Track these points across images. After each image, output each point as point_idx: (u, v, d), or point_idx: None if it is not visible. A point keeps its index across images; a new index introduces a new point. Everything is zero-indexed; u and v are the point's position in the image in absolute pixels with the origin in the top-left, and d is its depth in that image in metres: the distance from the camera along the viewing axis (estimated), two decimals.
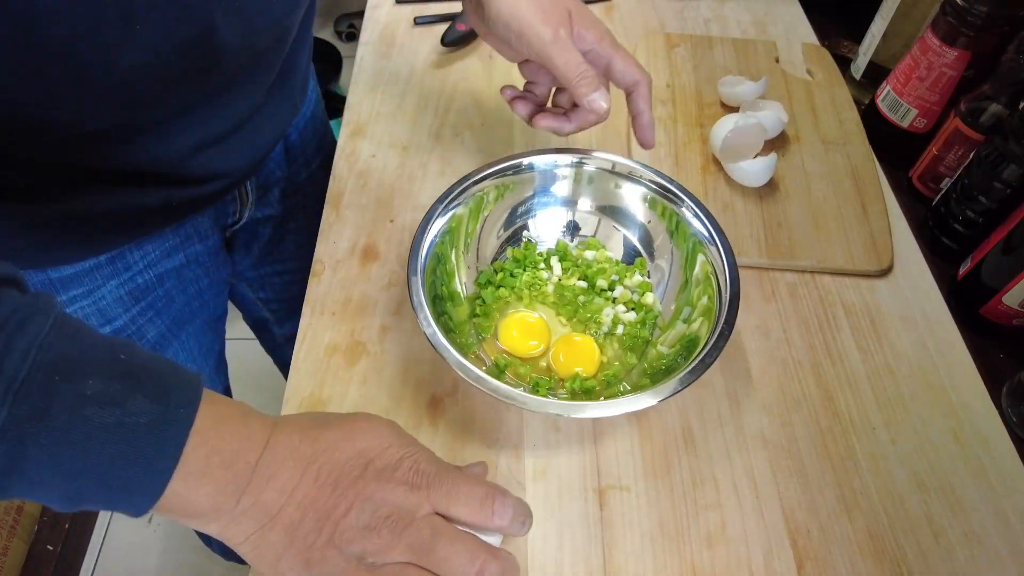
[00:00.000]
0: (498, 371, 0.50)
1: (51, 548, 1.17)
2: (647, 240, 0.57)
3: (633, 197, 0.56)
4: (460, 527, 0.36)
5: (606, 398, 0.47)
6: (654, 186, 0.55)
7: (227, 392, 0.78)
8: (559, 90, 0.57)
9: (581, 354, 0.52)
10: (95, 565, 1.21)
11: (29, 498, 0.31)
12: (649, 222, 0.56)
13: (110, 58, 0.37)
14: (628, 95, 0.54)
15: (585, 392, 0.49)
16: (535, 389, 0.49)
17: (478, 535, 0.37)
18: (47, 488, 0.30)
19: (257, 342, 0.99)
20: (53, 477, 0.29)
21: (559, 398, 0.49)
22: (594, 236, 0.58)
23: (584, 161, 0.56)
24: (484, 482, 0.38)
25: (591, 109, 0.50)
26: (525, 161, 0.55)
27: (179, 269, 0.60)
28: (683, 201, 0.53)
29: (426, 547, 0.34)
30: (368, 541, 0.34)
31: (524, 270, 0.56)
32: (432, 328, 0.45)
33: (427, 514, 0.35)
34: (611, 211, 0.58)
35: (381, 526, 0.34)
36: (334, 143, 0.75)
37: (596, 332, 0.54)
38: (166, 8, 0.37)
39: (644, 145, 0.55)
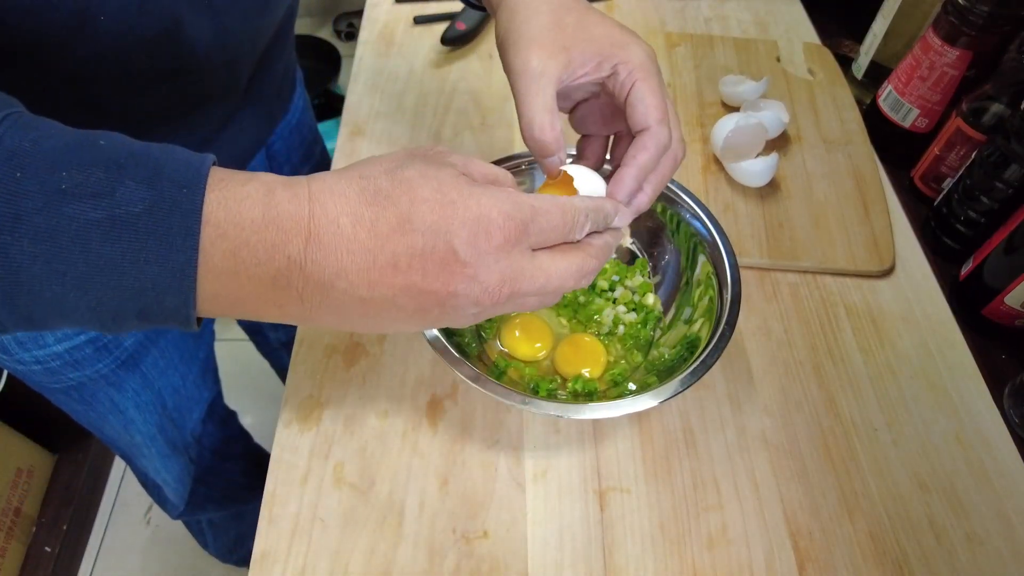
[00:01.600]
0: (499, 372, 0.50)
1: (49, 549, 1.17)
2: (647, 240, 0.56)
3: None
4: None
5: (612, 398, 0.47)
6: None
7: (218, 399, 0.77)
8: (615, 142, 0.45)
9: (587, 355, 0.51)
10: (93, 567, 1.21)
11: (66, 323, 0.28)
12: (649, 222, 0.56)
13: (68, 46, 0.35)
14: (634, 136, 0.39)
15: (587, 393, 0.49)
16: (536, 390, 0.49)
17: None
18: (68, 306, 0.27)
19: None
20: (65, 290, 0.26)
21: (560, 399, 0.48)
22: None
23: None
24: (566, 204, 0.34)
25: (542, 167, 0.39)
26: (525, 161, 0.55)
27: None
28: (684, 201, 0.53)
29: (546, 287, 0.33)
30: (482, 307, 0.32)
31: None
32: (434, 333, 0.45)
33: (531, 258, 0.32)
34: None
35: (496, 292, 0.31)
36: (325, 151, 0.74)
37: (596, 333, 0.54)
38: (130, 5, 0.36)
39: (613, 195, 0.38)
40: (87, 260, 0.26)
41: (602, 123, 0.44)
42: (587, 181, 0.39)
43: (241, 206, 0.28)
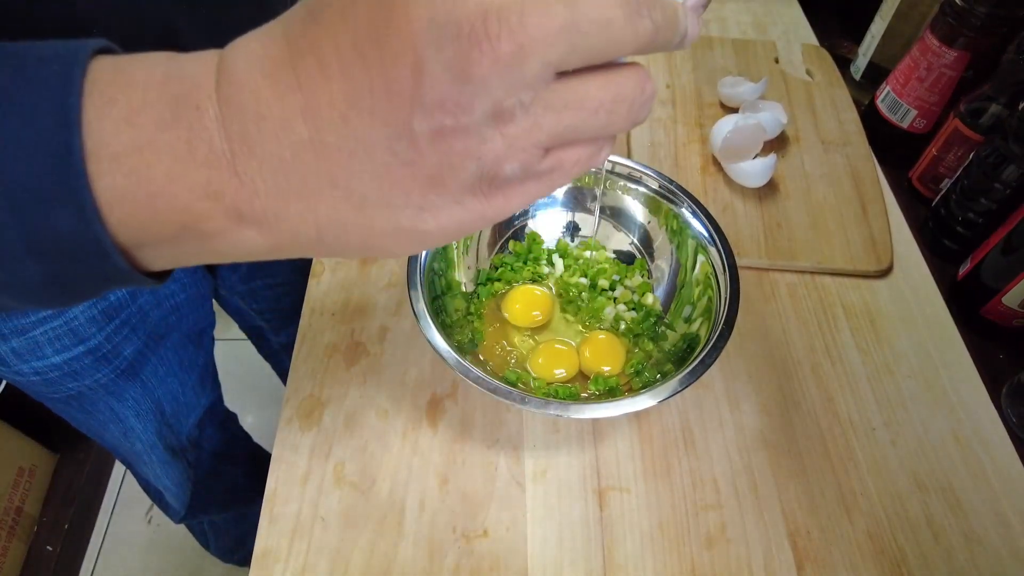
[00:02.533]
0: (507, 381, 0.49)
1: (50, 549, 1.17)
2: (647, 240, 0.56)
3: (633, 198, 0.56)
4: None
5: (638, 388, 0.47)
6: (654, 187, 0.55)
7: (218, 402, 0.76)
8: None
9: (605, 351, 0.52)
10: (94, 566, 1.21)
11: None
12: (649, 223, 0.56)
13: None
14: None
15: (609, 391, 0.49)
16: (554, 393, 0.49)
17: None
18: None
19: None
20: None
21: (561, 398, 0.48)
22: (594, 237, 0.58)
23: None
24: None
25: None
26: None
27: None
28: (683, 201, 0.53)
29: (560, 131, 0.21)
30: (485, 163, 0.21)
31: (525, 264, 0.56)
32: (433, 332, 0.45)
33: (540, 83, 0.20)
34: (611, 212, 0.58)
35: (479, 32, 0.19)
36: None
37: (599, 327, 0.54)
38: (123, 13, 0.35)
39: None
40: None
41: None
42: None
43: (133, 66, 0.21)
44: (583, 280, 0.56)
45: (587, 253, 0.57)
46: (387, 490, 0.47)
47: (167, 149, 0.20)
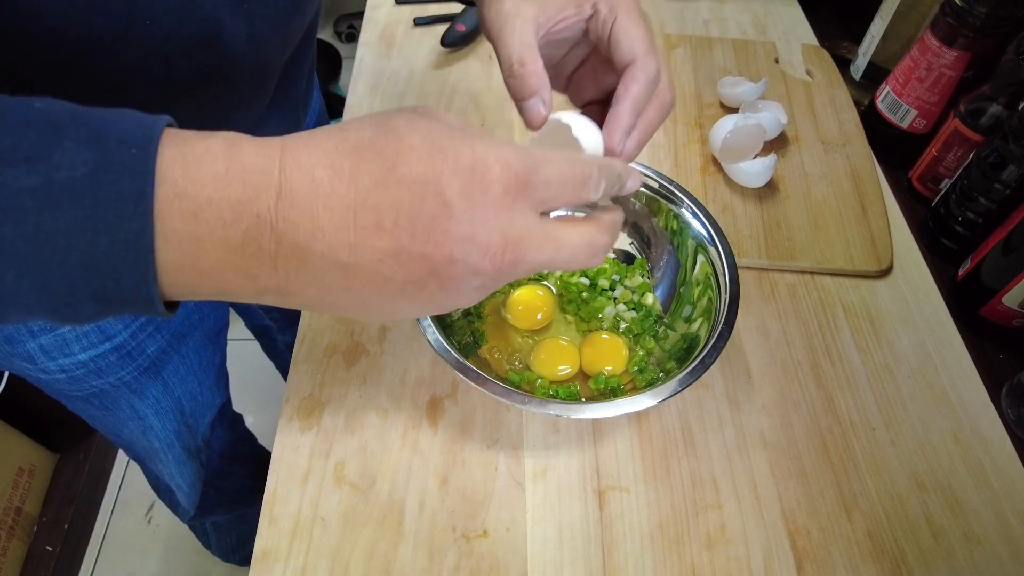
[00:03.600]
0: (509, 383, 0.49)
1: (50, 549, 1.17)
2: (647, 241, 0.57)
3: (633, 198, 0.56)
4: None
5: (641, 386, 0.47)
6: (654, 187, 0.54)
7: (228, 403, 0.77)
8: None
9: (607, 351, 0.52)
10: (94, 566, 1.21)
11: (18, 313, 0.25)
12: (649, 223, 0.56)
13: (113, 50, 0.34)
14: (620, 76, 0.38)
15: (612, 391, 0.49)
16: (556, 394, 0.49)
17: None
18: (8, 289, 0.24)
19: (257, 343, 0.99)
20: (2, 271, 0.23)
21: (563, 398, 0.48)
22: None
23: None
24: (577, 160, 0.30)
25: (524, 117, 0.38)
26: None
27: None
28: (683, 202, 0.53)
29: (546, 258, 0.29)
30: (484, 276, 0.28)
31: None
32: (434, 333, 0.45)
33: (539, 221, 0.28)
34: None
35: (499, 257, 0.27)
36: None
37: (598, 328, 0.54)
38: (173, 3, 0.36)
39: (610, 136, 0.37)
40: (23, 233, 0.23)
41: (596, 85, 0.42)
42: (587, 132, 0.34)
43: (200, 161, 0.25)
44: (583, 280, 0.56)
45: None
46: (387, 490, 0.47)
47: (223, 243, 0.25)
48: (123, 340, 0.55)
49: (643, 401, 0.43)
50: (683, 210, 0.53)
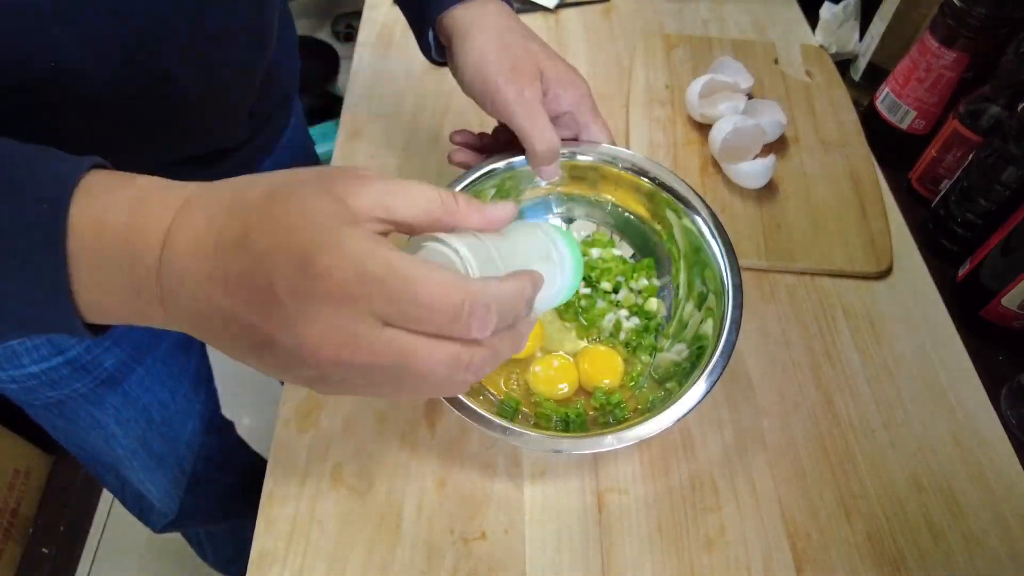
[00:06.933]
0: (511, 411, 0.48)
1: (46, 551, 1.17)
2: (647, 241, 0.56)
3: (633, 197, 0.56)
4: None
5: (640, 403, 0.47)
6: (655, 186, 0.54)
7: (215, 409, 0.75)
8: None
9: (604, 365, 0.51)
10: (90, 568, 1.21)
11: None
12: (648, 222, 0.55)
13: (45, 95, 0.36)
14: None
15: (612, 405, 0.48)
16: (566, 420, 0.48)
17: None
18: None
19: None
20: None
21: (556, 429, 0.47)
22: (598, 231, 0.57)
23: (581, 156, 0.54)
24: (455, 283, 0.26)
25: (541, 177, 0.50)
26: (525, 160, 0.55)
27: None
28: (686, 201, 0.51)
29: (395, 376, 0.27)
30: (311, 369, 0.27)
31: None
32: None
33: (379, 330, 0.26)
34: (612, 212, 0.57)
35: (316, 356, 0.26)
36: (316, 159, 0.74)
37: (597, 338, 0.53)
38: (114, 55, 0.36)
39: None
40: None
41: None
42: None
43: (106, 215, 0.27)
44: (584, 291, 0.55)
45: (593, 251, 0.56)
46: (385, 492, 0.47)
47: (119, 290, 0.28)
48: (77, 354, 0.54)
49: (646, 429, 0.42)
50: (687, 209, 0.51)
